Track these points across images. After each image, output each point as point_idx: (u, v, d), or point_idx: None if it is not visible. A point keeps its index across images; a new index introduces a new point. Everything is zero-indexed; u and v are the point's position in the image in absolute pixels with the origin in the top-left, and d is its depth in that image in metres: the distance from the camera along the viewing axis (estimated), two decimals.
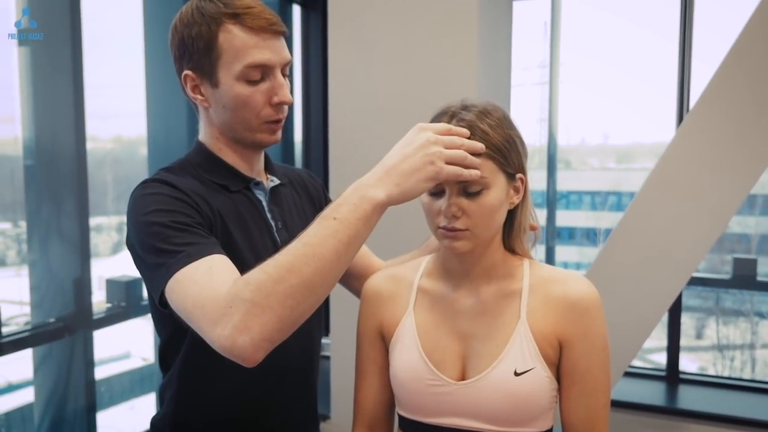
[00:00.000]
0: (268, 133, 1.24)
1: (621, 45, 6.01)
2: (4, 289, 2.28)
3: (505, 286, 1.19)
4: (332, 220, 0.97)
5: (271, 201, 1.31)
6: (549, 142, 3.61)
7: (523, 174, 1.16)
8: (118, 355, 4.76)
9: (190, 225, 1.10)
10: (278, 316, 0.93)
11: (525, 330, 1.14)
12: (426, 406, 1.18)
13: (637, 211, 2.49)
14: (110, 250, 4.68)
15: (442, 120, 1.11)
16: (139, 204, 1.13)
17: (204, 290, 0.98)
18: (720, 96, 2.32)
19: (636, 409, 2.82)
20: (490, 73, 2.36)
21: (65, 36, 2.09)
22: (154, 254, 1.07)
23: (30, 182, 2.12)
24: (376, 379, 1.28)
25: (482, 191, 1.08)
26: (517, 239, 1.20)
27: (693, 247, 2.38)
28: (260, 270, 0.95)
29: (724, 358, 7.43)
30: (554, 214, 3.75)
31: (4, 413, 2.51)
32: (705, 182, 2.36)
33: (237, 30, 1.17)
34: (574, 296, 1.15)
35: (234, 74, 1.17)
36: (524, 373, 1.12)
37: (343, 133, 2.47)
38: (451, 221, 1.09)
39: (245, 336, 0.93)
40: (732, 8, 2.39)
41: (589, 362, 1.15)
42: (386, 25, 2.37)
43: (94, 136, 3.18)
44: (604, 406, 1.17)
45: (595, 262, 2.57)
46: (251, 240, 1.23)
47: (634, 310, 2.43)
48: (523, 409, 1.12)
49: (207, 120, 1.27)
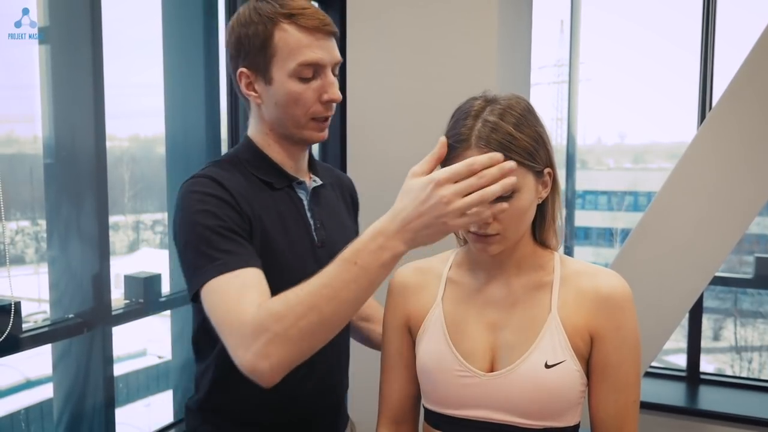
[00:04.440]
0: (316, 131, 1.30)
1: (638, 43, 5.95)
2: (23, 287, 2.29)
3: (536, 278, 1.18)
4: (353, 265, 1.01)
5: (311, 200, 1.36)
6: (568, 142, 3.58)
7: (551, 167, 1.15)
8: (135, 352, 4.79)
9: (234, 231, 1.17)
10: (297, 348, 1.03)
11: (556, 322, 1.13)
12: (453, 398, 1.17)
13: (658, 211, 2.46)
14: (127, 249, 4.71)
15: (466, 123, 1.08)
16: (188, 201, 1.20)
17: (232, 311, 1.07)
18: (742, 95, 2.30)
19: (656, 410, 2.80)
20: (509, 71, 2.34)
21: (85, 35, 2.09)
22: (194, 254, 1.15)
23: (49, 181, 2.12)
24: (403, 373, 1.28)
25: (513, 195, 1.07)
26: (549, 231, 1.20)
27: (715, 247, 2.36)
28: (284, 303, 1.03)
29: (742, 360, 7.36)
30: (573, 214, 3.73)
31: (24, 409, 2.53)
32: (727, 182, 2.34)
33: (292, 29, 1.23)
34: (607, 290, 1.14)
35: (287, 72, 1.24)
36: (555, 365, 1.11)
37: (362, 131, 2.46)
38: (481, 227, 1.09)
39: (265, 362, 1.03)
40: (754, 5, 2.37)
41: (620, 357, 1.14)
42: (404, 22, 2.36)
43: (111, 135, 3.20)
44: (634, 402, 1.17)
45: (614, 261, 2.54)
46: (290, 238, 1.29)
47: (655, 310, 2.41)
48: (553, 403, 1.12)
49: (258, 116, 1.33)
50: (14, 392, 3.28)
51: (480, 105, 1.10)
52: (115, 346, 2.25)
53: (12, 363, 2.27)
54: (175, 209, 1.22)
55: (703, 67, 2.89)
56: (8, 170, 2.09)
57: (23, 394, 2.80)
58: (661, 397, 2.89)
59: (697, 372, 3.08)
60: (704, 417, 2.77)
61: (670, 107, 6.18)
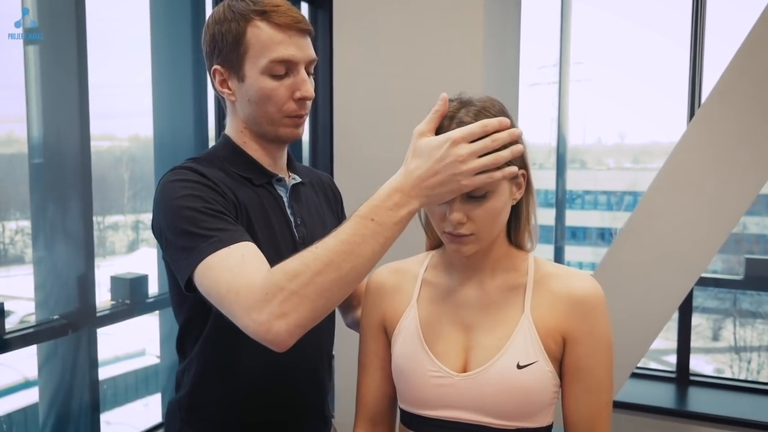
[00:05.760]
0: (290, 127, 1.30)
1: (638, 43, 5.95)
2: (8, 287, 2.29)
3: (510, 280, 1.19)
4: (371, 221, 1.01)
5: (291, 198, 1.36)
6: (558, 142, 3.58)
7: (525, 169, 1.15)
8: (134, 352, 4.79)
9: (221, 212, 1.15)
10: (314, 306, 1.00)
11: (529, 323, 1.14)
12: (427, 399, 1.17)
13: (645, 211, 2.46)
14: (126, 248, 4.71)
15: (442, 124, 1.09)
16: (170, 189, 1.18)
17: (238, 277, 1.04)
18: (728, 95, 2.29)
19: (645, 411, 2.79)
20: (496, 72, 2.34)
21: (70, 35, 2.10)
22: (184, 237, 1.12)
23: (35, 181, 2.13)
24: (378, 373, 1.28)
25: (487, 195, 1.08)
26: (523, 233, 1.21)
27: (702, 246, 2.35)
28: (299, 261, 1.01)
29: (741, 360, 7.34)
30: (563, 214, 3.72)
31: (6, 414, 2.53)
32: (714, 182, 2.33)
33: (264, 26, 1.23)
34: (579, 293, 1.14)
35: (259, 68, 1.24)
36: (527, 366, 1.12)
37: (348, 131, 2.46)
38: (456, 227, 1.09)
39: (281, 322, 0.99)
40: (744, 9, 2.36)
41: (593, 360, 1.14)
42: (391, 23, 2.36)
43: (111, 135, 3.20)
44: (606, 404, 1.17)
45: (602, 261, 2.54)
46: (272, 233, 1.28)
47: (643, 309, 2.40)
48: (525, 403, 1.12)
49: (233, 114, 1.33)
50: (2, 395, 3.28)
51: (455, 107, 1.10)
52: (115, 346, 2.25)
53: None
54: (156, 202, 1.21)
55: (692, 66, 2.89)
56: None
57: (8, 399, 2.80)
58: (650, 398, 2.88)
59: (686, 373, 3.07)
60: (693, 419, 2.76)
61: (669, 106, 6.17)
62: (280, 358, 1.06)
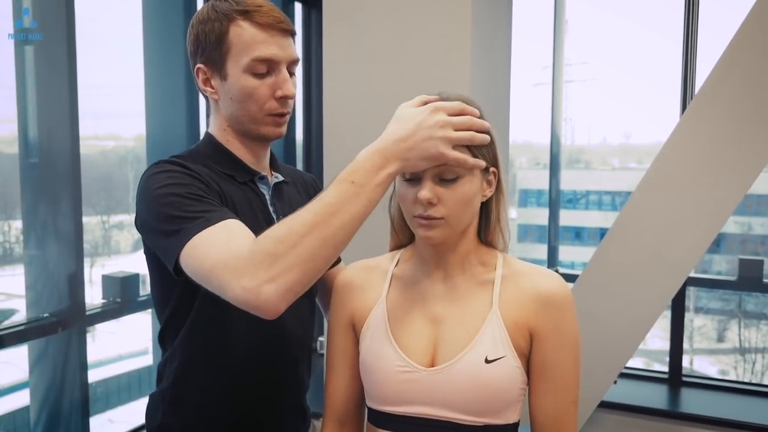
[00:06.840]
0: (272, 126, 1.31)
1: (643, 46, 5.91)
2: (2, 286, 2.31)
3: (479, 275, 1.19)
4: (350, 184, 1.03)
5: (273, 196, 1.38)
6: (552, 142, 3.57)
7: (496, 168, 1.17)
8: (137, 351, 4.81)
9: (204, 196, 1.16)
10: (303, 269, 1.00)
11: (497, 317, 1.14)
12: (394, 395, 1.16)
13: (633, 211, 2.46)
14: (131, 247, 4.73)
15: None
16: (153, 180, 1.19)
17: (225, 250, 1.04)
18: (716, 95, 2.29)
19: (636, 412, 2.78)
20: (485, 71, 2.33)
21: (61, 36, 2.12)
22: (170, 222, 1.13)
23: (26, 181, 2.14)
24: (346, 372, 1.27)
25: (457, 179, 1.10)
26: (494, 232, 1.21)
27: (689, 247, 2.35)
28: (285, 226, 1.02)
29: (746, 362, 7.29)
30: (557, 214, 3.71)
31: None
32: (701, 182, 2.33)
33: (247, 25, 1.26)
34: (547, 291, 1.15)
35: (241, 67, 1.25)
36: (495, 360, 1.12)
37: (337, 131, 2.46)
38: (426, 208, 1.10)
39: (271, 286, 0.99)
40: (736, 8, 2.35)
41: (559, 358, 1.15)
42: (380, 23, 2.36)
43: (115, 135, 3.22)
44: (573, 402, 1.17)
45: (590, 262, 2.53)
46: (257, 230, 1.27)
47: (631, 310, 2.40)
48: (492, 399, 1.12)
49: (216, 112, 1.35)
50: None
51: (435, 100, 1.12)
52: (116, 344, 2.26)
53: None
54: (139, 195, 1.21)
55: (684, 66, 2.88)
56: None
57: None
58: (642, 399, 2.87)
59: (679, 374, 3.06)
60: (685, 420, 2.75)
61: (673, 107, 6.15)
62: (264, 348, 1.09)
